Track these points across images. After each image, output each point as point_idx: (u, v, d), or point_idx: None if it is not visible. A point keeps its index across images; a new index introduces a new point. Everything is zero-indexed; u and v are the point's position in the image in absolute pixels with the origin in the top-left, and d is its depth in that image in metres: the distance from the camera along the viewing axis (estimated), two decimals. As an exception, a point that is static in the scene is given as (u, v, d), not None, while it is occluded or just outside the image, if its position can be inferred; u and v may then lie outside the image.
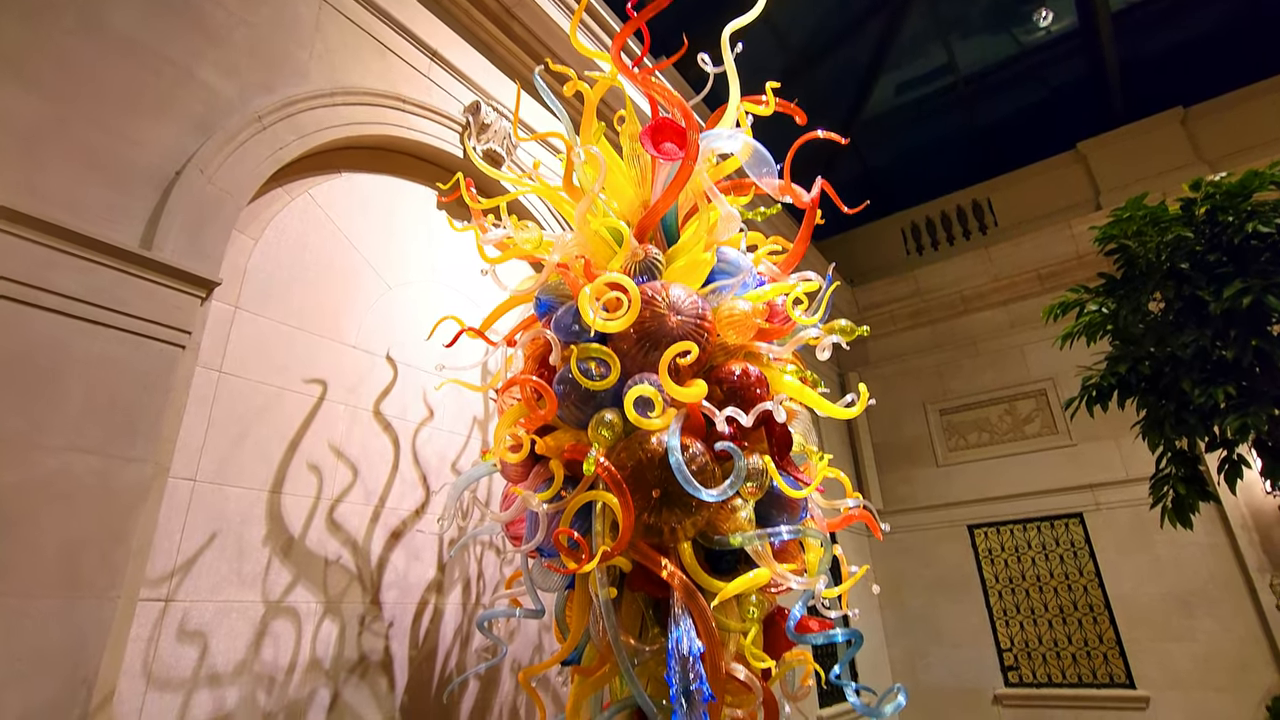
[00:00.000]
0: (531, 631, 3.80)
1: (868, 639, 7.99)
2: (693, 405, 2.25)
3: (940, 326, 9.20)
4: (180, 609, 2.48)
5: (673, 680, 1.90)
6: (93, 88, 2.53)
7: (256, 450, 2.86)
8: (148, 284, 2.48)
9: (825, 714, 6.45)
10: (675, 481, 2.08)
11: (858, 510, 2.68)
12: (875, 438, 9.31)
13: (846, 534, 8.27)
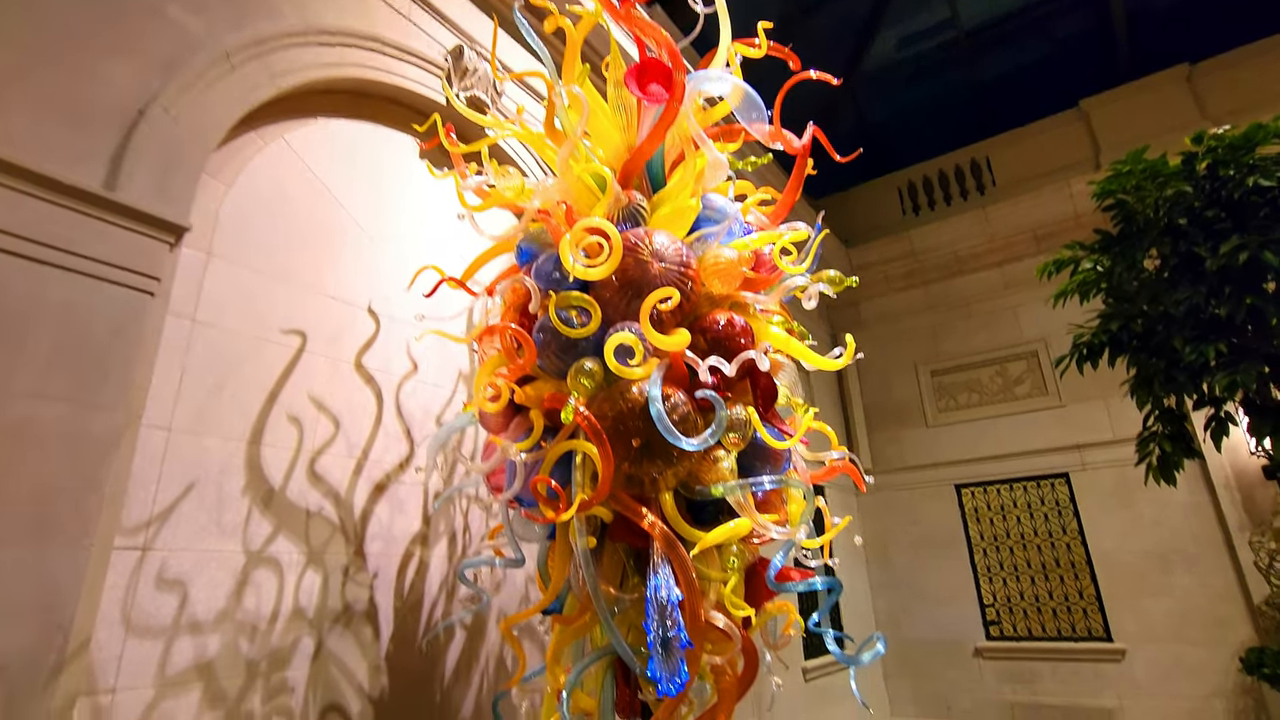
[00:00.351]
0: (518, 583, 3.82)
1: (854, 595, 8.15)
2: (675, 354, 2.20)
3: (934, 287, 9.14)
4: (158, 558, 2.46)
5: (650, 628, 1.89)
6: (56, 26, 2.39)
7: (234, 401, 2.81)
8: (112, 227, 2.39)
9: (810, 664, 6.60)
10: (656, 431, 2.05)
11: (842, 462, 2.66)
12: (866, 398, 9.33)
13: (834, 491, 8.35)
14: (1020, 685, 7.52)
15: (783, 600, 2.92)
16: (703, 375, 2.17)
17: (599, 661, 2.21)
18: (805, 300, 2.44)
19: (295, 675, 2.77)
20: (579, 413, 2.01)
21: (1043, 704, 7.33)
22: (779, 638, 2.76)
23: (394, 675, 3.11)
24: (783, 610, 2.87)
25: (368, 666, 3.03)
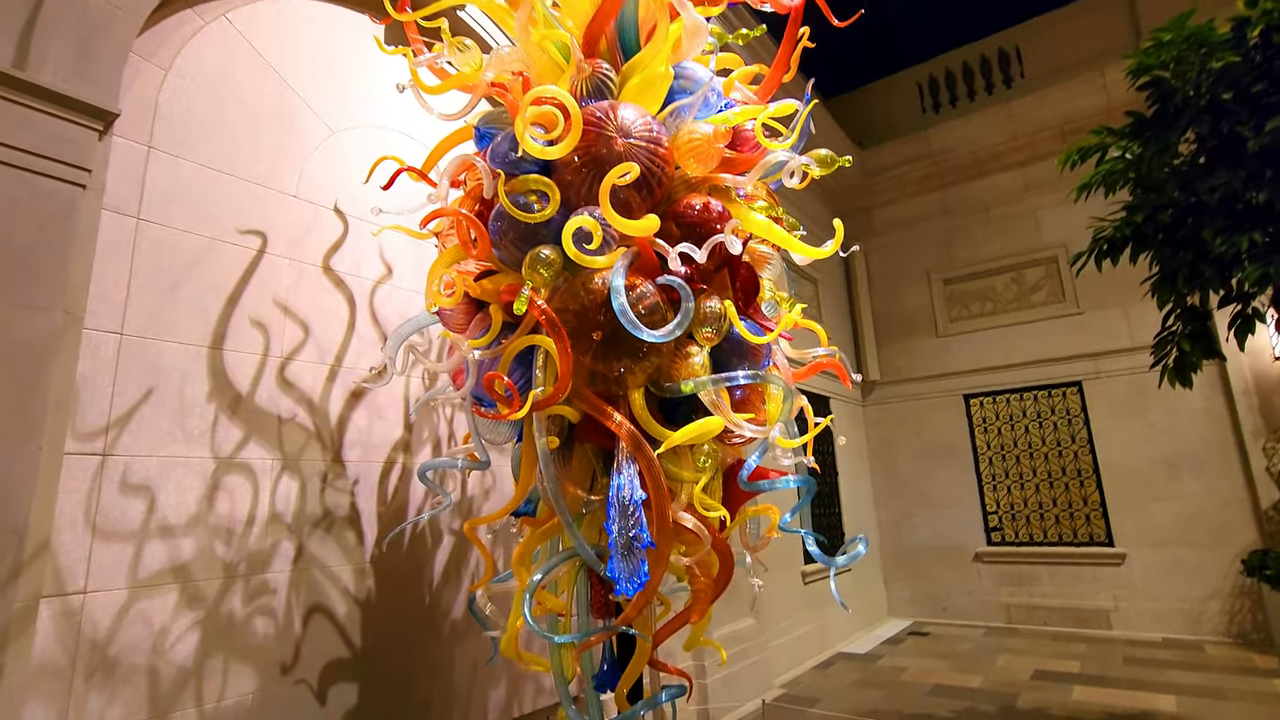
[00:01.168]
0: (507, 488, 3.79)
1: (858, 503, 8.20)
2: (643, 241, 2.00)
3: (951, 191, 8.67)
4: (120, 463, 2.40)
5: (611, 527, 1.80)
6: None
7: (190, 304, 2.68)
8: (30, 112, 2.19)
9: (809, 569, 6.71)
10: (620, 325, 1.88)
11: (827, 359, 2.50)
12: (876, 308, 9.07)
13: (839, 403, 8.26)
14: (1018, 588, 7.65)
15: (764, 503, 2.85)
16: (673, 263, 1.98)
17: (570, 563, 2.14)
18: (787, 177, 2.21)
19: (276, 578, 2.77)
20: (534, 304, 1.84)
21: (1039, 605, 7.48)
22: (758, 540, 2.69)
23: (380, 578, 3.12)
24: (765, 512, 2.80)
25: (352, 570, 3.03)
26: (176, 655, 2.44)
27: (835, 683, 5.64)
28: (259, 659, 2.66)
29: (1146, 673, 5.51)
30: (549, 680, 3.83)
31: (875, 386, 8.95)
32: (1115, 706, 4.75)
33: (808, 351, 2.64)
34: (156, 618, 2.42)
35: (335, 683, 2.89)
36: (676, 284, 1.85)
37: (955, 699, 5.06)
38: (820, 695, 5.27)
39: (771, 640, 5.76)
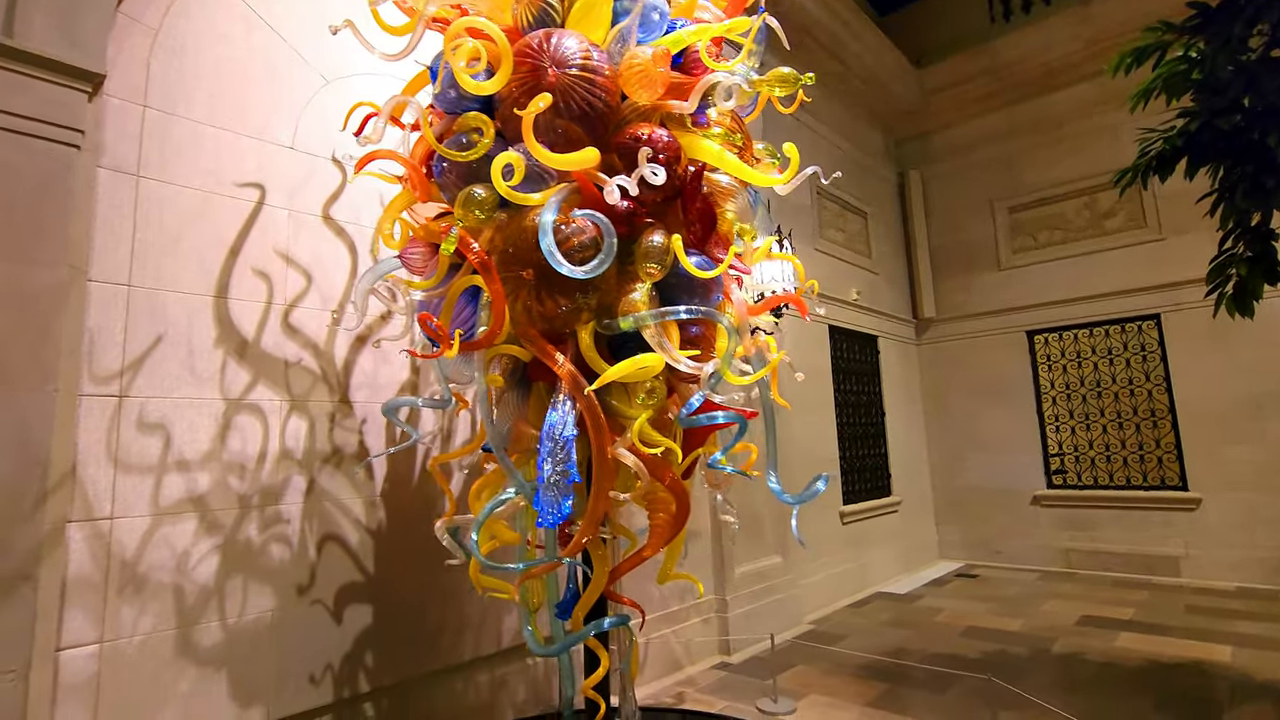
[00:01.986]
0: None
1: (908, 443, 7.96)
2: (580, 176, 1.96)
3: (1018, 109, 7.94)
4: (136, 404, 2.64)
5: (542, 462, 1.84)
6: None
7: (193, 256, 2.85)
8: (20, 77, 2.33)
9: (848, 509, 6.64)
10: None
11: (784, 292, 2.40)
12: (933, 241, 8.57)
13: (889, 341, 7.95)
14: (1079, 532, 7.31)
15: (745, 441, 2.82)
16: (609, 197, 1.94)
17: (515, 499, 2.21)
18: (720, 97, 2.08)
19: (289, 509, 3.01)
20: (466, 245, 1.85)
21: (1101, 550, 7.13)
22: (722, 477, 2.68)
23: (390, 512, 3.33)
24: (745, 449, 2.78)
25: (362, 502, 3.25)
26: (198, 575, 2.72)
27: (865, 621, 5.64)
28: (276, 581, 2.92)
29: (1209, 622, 5.21)
30: (563, 609, 4.03)
31: (930, 324, 8.53)
32: (1161, 654, 4.53)
33: (772, 285, 2.54)
34: (178, 542, 2.68)
35: (350, 604, 3.14)
36: (597, 219, 1.81)
37: (986, 640, 4.96)
38: (846, 633, 5.29)
39: (803, 578, 5.79)
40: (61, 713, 2.36)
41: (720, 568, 4.90)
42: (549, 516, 1.79)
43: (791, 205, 6.52)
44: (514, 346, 2.08)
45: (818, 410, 6.50)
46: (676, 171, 2.09)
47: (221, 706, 2.72)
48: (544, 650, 2.32)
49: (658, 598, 4.46)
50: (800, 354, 6.33)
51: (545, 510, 1.80)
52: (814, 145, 7.07)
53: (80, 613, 2.43)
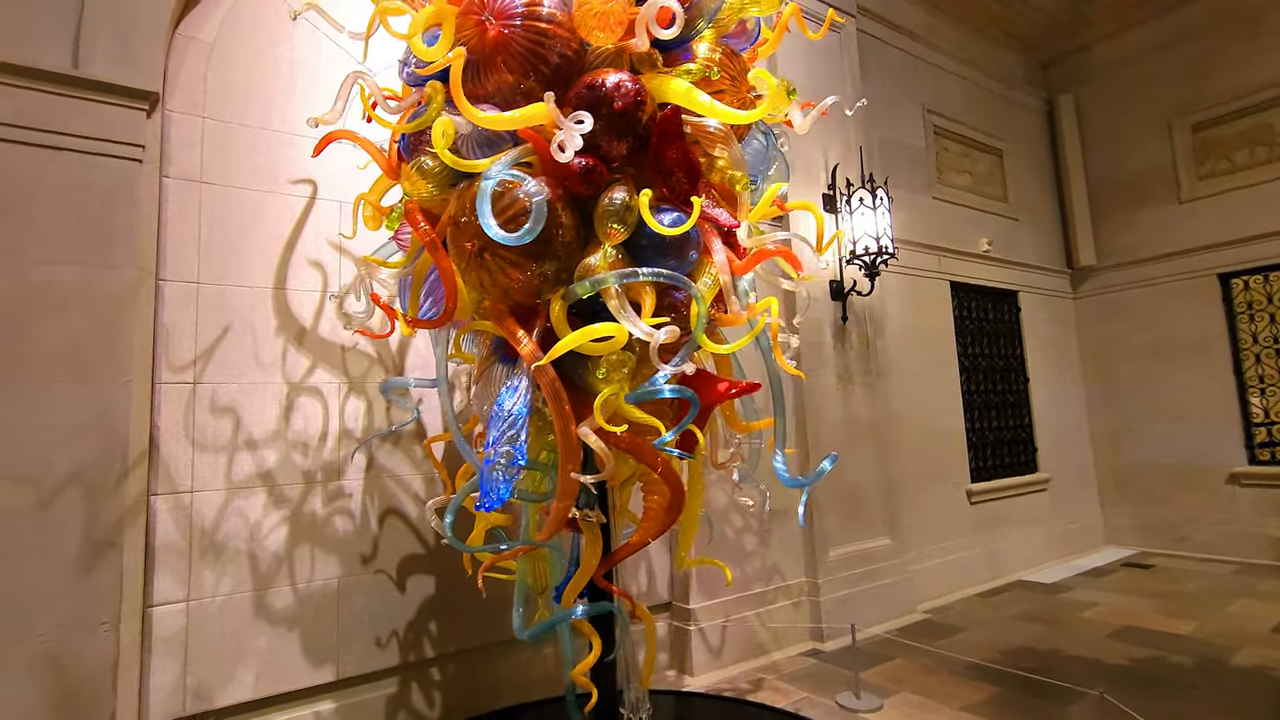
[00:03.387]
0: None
1: (1062, 412, 6.95)
2: (532, 135, 1.82)
3: (1196, 6, 6.46)
4: (208, 389, 2.92)
5: (490, 443, 1.75)
6: (-19, -94, 2.54)
7: (254, 251, 3.08)
8: (87, 103, 2.62)
9: (977, 487, 5.92)
10: (502, 231, 1.75)
11: (777, 245, 2.09)
12: (1091, 174, 7.30)
13: (1034, 297, 6.93)
14: (1294, 518, 5.97)
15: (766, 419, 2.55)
16: (559, 156, 1.78)
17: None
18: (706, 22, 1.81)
19: (351, 484, 3.20)
20: (409, 218, 1.79)
21: (1325, 541, 5.77)
22: (730, 457, 2.43)
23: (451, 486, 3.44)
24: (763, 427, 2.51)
25: (422, 478, 3.38)
26: (270, 543, 2.98)
27: (993, 613, 5.02)
28: (341, 550, 3.14)
29: None
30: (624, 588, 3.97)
31: (1090, 274, 7.32)
32: (1389, 676, 3.56)
33: (763, 239, 2.22)
34: (251, 513, 2.95)
35: (412, 575, 3.30)
36: (518, 178, 1.66)
37: (1141, 646, 4.19)
38: (966, 625, 4.73)
39: (918, 563, 5.27)
40: (156, 661, 2.70)
41: (811, 549, 4.57)
42: (488, 499, 1.70)
43: (898, 148, 5.84)
44: (485, 322, 1.99)
45: (937, 378, 5.83)
46: (639, 118, 1.88)
47: (295, 662, 2.98)
48: (523, 635, 2.25)
49: (740, 578, 4.26)
50: (915, 314, 5.70)
51: (485, 492, 1.71)
52: (928, 79, 6.26)
53: (168, 575, 2.75)
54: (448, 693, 3.33)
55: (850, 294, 4.89)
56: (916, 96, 6.12)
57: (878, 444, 5.04)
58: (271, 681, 2.92)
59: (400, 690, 3.23)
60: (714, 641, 4.06)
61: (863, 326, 5.07)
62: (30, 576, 2.39)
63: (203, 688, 2.78)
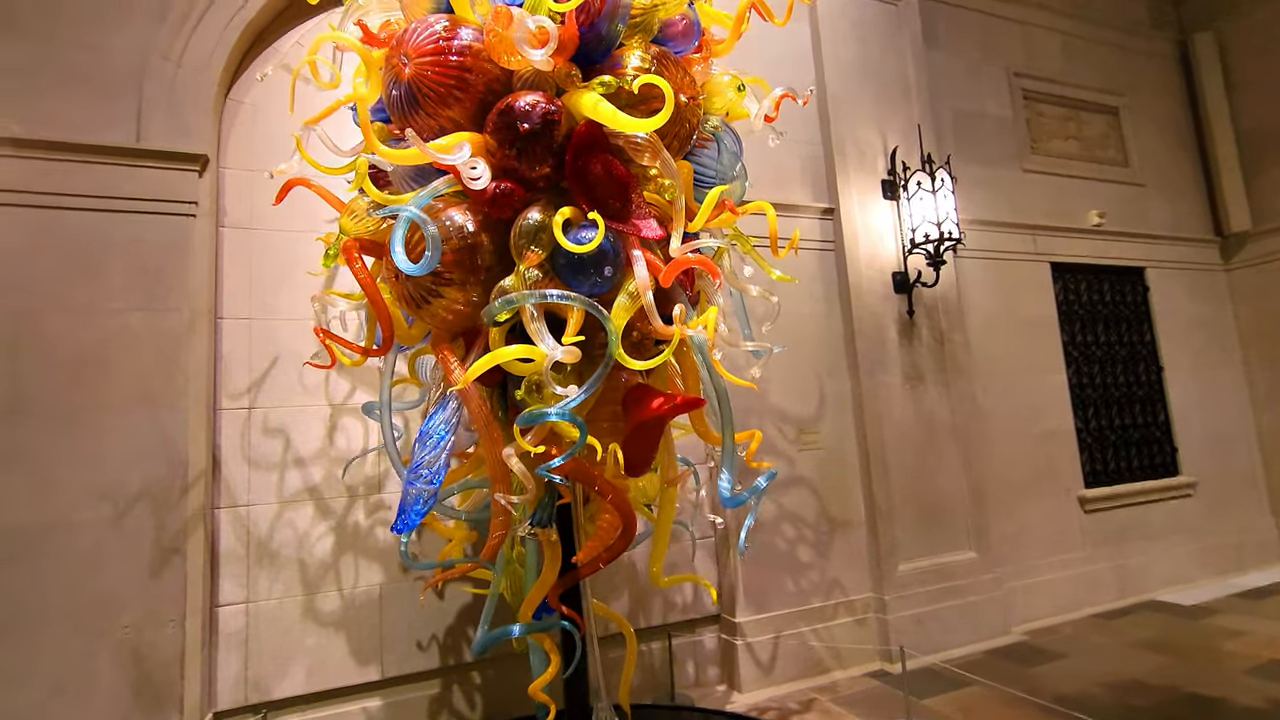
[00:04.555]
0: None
1: (1212, 405, 5.96)
2: (448, 166, 1.87)
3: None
4: (261, 413, 3.26)
5: (413, 461, 1.81)
6: (65, 15, 3.03)
7: (297, 287, 3.40)
8: (149, 170, 3.04)
9: (1091, 494, 5.21)
10: (420, 261, 1.83)
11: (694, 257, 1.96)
12: (1241, 124, 6.19)
13: (1172, 272, 5.98)
14: None
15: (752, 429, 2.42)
16: (471, 184, 1.82)
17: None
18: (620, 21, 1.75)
19: (390, 497, 3.44)
20: (346, 255, 1.91)
21: None
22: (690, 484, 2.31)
23: (483, 498, 3.59)
24: (750, 437, 2.39)
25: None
26: (317, 552, 3.27)
27: (1110, 639, 4.39)
28: (383, 559, 3.37)
29: None
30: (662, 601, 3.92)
31: (1246, 240, 6.21)
32: None
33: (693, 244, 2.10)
34: (300, 524, 3.26)
35: (450, 582, 3.47)
36: (412, 214, 1.70)
37: (1290, 686, 3.49)
38: (1070, 652, 4.18)
39: (1016, 579, 4.73)
40: (221, 656, 3.06)
41: (876, 562, 4.26)
42: (401, 521, 1.76)
43: (977, 120, 5.30)
44: (426, 347, 2.07)
45: (1035, 372, 5.21)
46: (553, 137, 1.86)
47: (342, 661, 3.24)
48: (474, 649, 2.29)
49: (795, 592, 4.07)
50: (1005, 303, 5.15)
51: (401, 511, 1.77)
52: (1015, 38, 5.63)
53: (230, 579, 3.11)
54: (487, 696, 3.47)
55: (916, 286, 4.51)
56: (1000, 60, 5.52)
57: (959, 448, 4.59)
58: (321, 678, 3.20)
59: (442, 691, 3.41)
60: (763, 657, 3.90)
61: (935, 320, 4.65)
62: (112, 578, 2.80)
63: (261, 680, 3.11)
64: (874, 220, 4.56)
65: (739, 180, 2.37)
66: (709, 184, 2.30)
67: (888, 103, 4.76)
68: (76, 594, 2.75)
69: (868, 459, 4.32)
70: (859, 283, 4.43)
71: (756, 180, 4.30)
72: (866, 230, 4.52)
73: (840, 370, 4.43)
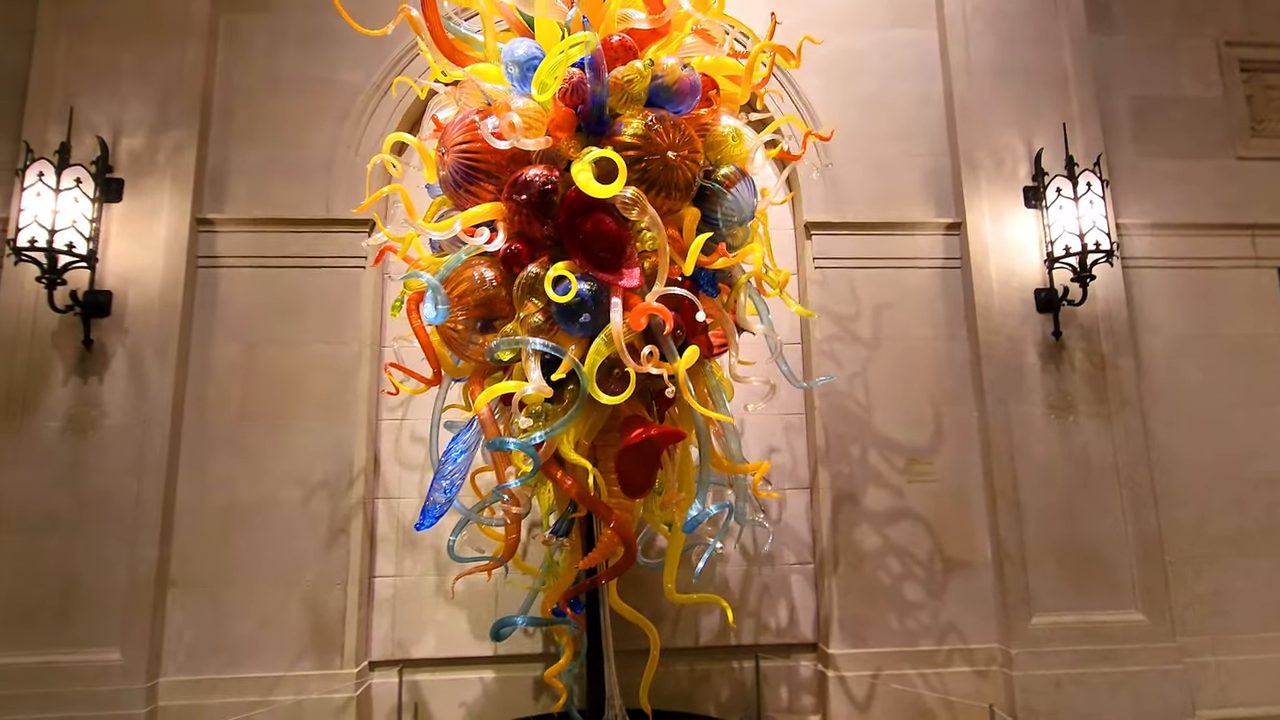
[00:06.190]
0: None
1: None
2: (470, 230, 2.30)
3: None
4: (410, 425, 4.04)
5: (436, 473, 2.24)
6: (283, 123, 4.08)
7: (440, 321, 4.14)
8: (336, 234, 3.97)
9: (1341, 562, 4.08)
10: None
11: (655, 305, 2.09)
12: None
13: None
14: None
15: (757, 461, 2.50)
16: (486, 246, 2.23)
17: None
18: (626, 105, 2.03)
19: (506, 499, 4.00)
20: (409, 306, 2.43)
21: None
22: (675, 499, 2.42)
23: (584, 507, 4.00)
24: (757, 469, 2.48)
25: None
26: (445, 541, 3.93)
27: (1337, 746, 3.45)
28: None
29: None
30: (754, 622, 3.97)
31: None
32: None
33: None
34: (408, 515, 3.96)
35: (552, 579, 3.94)
36: (422, 277, 2.12)
37: None
38: (1266, 751, 3.39)
39: (1210, 653, 3.93)
40: (376, 618, 3.84)
41: (1003, 610, 3.85)
42: (420, 522, 2.17)
43: (1167, 105, 4.50)
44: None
45: (1251, 405, 4.24)
46: (550, 203, 2.18)
47: (464, 635, 3.86)
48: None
49: (898, 629, 3.87)
50: (1202, 320, 4.31)
51: (423, 513, 2.19)
52: (1231, 2, 4.66)
53: (384, 557, 3.90)
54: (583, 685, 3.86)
55: (1062, 304, 4.00)
56: (1205, 30, 4.61)
57: (1124, 491, 3.96)
58: (448, 646, 3.85)
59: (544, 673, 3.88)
60: (859, 693, 3.77)
61: (1093, 342, 4.07)
62: (299, 545, 3.70)
63: (403, 641, 3.84)
64: (1012, 233, 4.14)
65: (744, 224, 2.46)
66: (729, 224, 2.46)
67: (1034, 101, 4.29)
68: (277, 554, 3.69)
69: (994, 495, 3.93)
70: (989, 302, 4.06)
71: (864, 199, 4.23)
72: (1001, 244, 4.12)
73: (964, 398, 4.10)
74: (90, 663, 3.35)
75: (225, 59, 4.13)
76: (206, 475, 3.72)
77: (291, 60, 4.17)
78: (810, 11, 4.37)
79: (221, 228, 3.94)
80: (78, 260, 3.51)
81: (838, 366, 4.06)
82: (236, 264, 3.93)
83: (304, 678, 3.58)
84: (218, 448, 3.76)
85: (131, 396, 3.61)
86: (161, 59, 3.95)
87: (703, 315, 2.22)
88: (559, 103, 2.20)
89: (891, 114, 4.34)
